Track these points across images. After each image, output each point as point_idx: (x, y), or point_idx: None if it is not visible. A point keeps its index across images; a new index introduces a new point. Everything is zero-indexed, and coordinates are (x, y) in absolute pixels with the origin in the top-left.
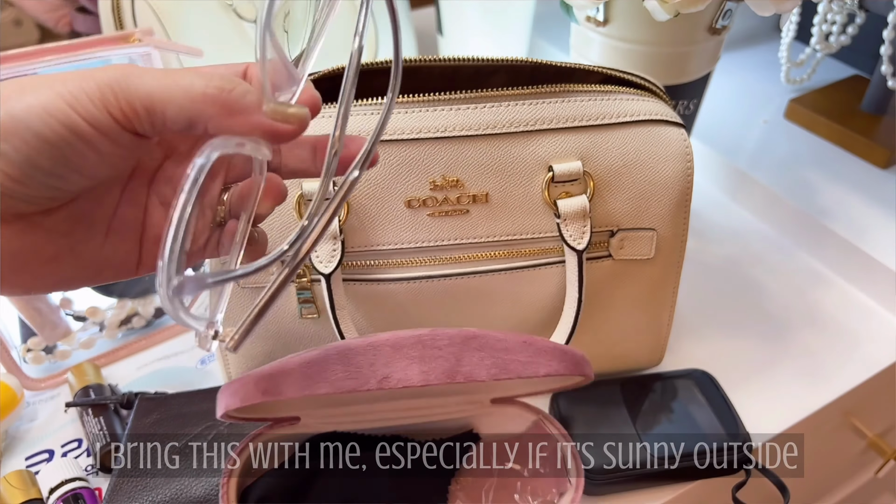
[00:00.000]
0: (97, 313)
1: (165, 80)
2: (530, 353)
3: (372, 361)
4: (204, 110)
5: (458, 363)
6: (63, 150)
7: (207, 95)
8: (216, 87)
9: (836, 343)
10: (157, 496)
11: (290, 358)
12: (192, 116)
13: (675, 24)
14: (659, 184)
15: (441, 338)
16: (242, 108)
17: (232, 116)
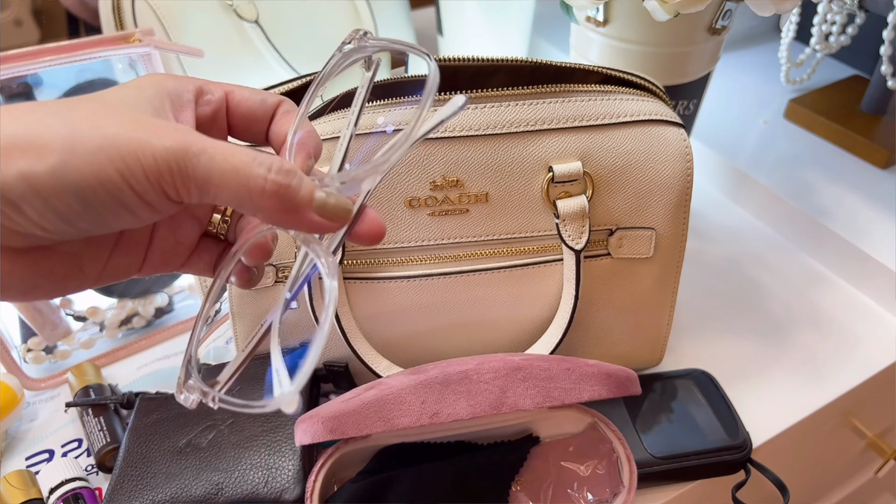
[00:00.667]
0: (97, 313)
1: (225, 163)
2: (573, 379)
3: (423, 399)
4: (260, 204)
5: (503, 395)
6: (104, 215)
7: (266, 191)
8: (274, 184)
9: (836, 343)
10: (157, 496)
11: (351, 398)
12: (245, 205)
13: (674, 25)
14: (658, 184)
15: (486, 371)
16: (296, 206)
17: (285, 213)
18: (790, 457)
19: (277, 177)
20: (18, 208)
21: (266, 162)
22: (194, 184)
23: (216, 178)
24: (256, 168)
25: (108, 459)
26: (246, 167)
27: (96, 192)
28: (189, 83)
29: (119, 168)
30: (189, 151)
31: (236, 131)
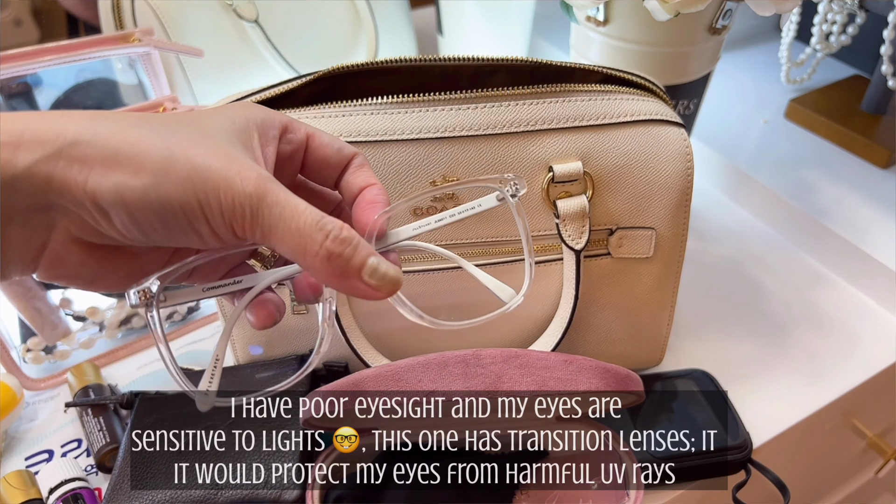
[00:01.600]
0: (97, 313)
1: (291, 221)
2: (571, 370)
3: (420, 378)
4: (312, 265)
5: (499, 379)
6: (177, 234)
7: (319, 256)
8: (328, 251)
9: (836, 343)
10: (156, 496)
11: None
12: (299, 262)
13: (675, 24)
14: (659, 183)
15: (484, 357)
16: (345, 273)
17: (335, 278)
18: (791, 457)
19: (332, 245)
20: (106, 215)
21: (327, 227)
22: (260, 230)
23: (279, 232)
24: (317, 233)
25: (108, 459)
26: (308, 229)
27: (176, 215)
28: (277, 119)
29: (201, 200)
30: (264, 201)
31: (309, 172)
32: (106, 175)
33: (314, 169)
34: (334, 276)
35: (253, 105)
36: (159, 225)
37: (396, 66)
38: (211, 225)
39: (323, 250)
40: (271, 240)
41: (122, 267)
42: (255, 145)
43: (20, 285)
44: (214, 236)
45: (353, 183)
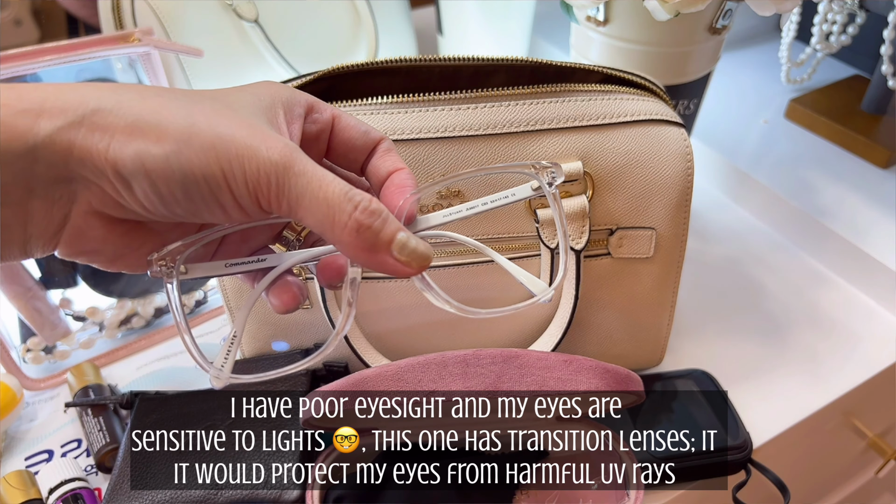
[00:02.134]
0: (97, 313)
1: (319, 191)
2: (571, 370)
3: (420, 378)
4: (340, 237)
5: (498, 379)
6: (200, 207)
7: (347, 227)
8: (356, 221)
9: (837, 343)
10: (156, 496)
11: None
12: (327, 235)
13: (675, 24)
14: (659, 183)
15: (484, 357)
16: (374, 246)
17: (363, 251)
18: (791, 457)
19: (362, 216)
20: (128, 185)
21: (356, 199)
22: (286, 201)
23: (306, 202)
24: (346, 203)
25: (108, 460)
26: (336, 200)
27: (199, 185)
28: (302, 98)
29: (224, 168)
30: (291, 170)
31: (334, 155)
32: (127, 143)
33: (340, 152)
34: (363, 250)
35: (278, 84)
36: (181, 195)
37: (396, 66)
38: (235, 195)
39: (352, 221)
40: (298, 212)
41: (145, 244)
42: (280, 122)
43: (20, 285)
44: (238, 208)
45: (381, 167)
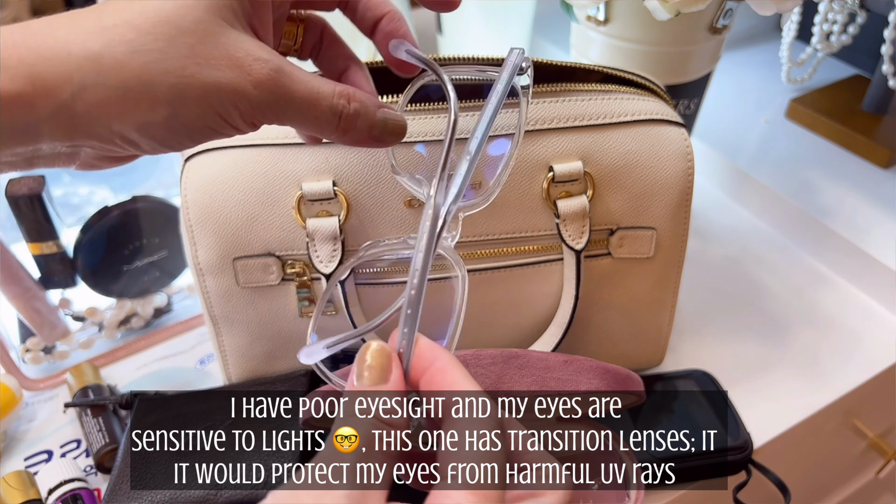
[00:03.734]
0: (96, 314)
1: (310, 112)
2: (571, 370)
3: None
4: (329, 137)
5: (499, 380)
6: (202, 140)
7: (336, 133)
8: (342, 130)
9: (837, 343)
10: (155, 497)
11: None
12: (313, 129)
13: (675, 24)
14: (659, 183)
15: (484, 357)
16: (358, 139)
17: (345, 135)
18: (791, 457)
19: (345, 124)
20: (135, 143)
21: (339, 108)
22: (278, 120)
23: (297, 122)
24: (332, 119)
25: (107, 460)
26: (325, 117)
27: (202, 130)
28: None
29: (221, 114)
30: (280, 101)
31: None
32: (125, 115)
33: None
34: (346, 140)
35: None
36: (188, 141)
37: None
38: (235, 127)
39: (339, 129)
40: (285, 122)
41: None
42: (239, 17)
43: (19, 285)
44: (240, 130)
45: (365, 15)
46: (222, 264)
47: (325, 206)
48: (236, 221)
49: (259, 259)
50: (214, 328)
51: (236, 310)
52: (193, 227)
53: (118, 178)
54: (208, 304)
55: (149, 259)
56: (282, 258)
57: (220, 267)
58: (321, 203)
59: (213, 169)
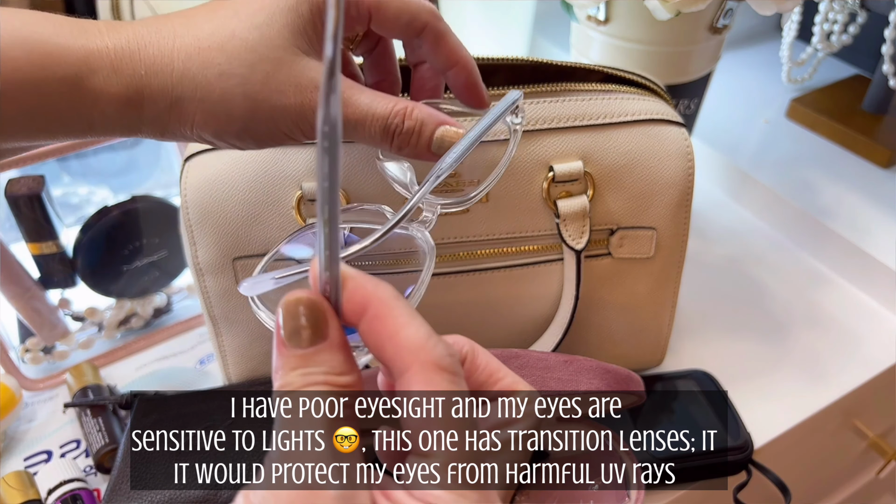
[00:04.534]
0: (96, 314)
1: (365, 131)
2: (571, 371)
3: None
4: (379, 146)
5: None
6: (264, 145)
7: (393, 147)
8: (398, 146)
9: (838, 343)
10: (155, 497)
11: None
12: (371, 145)
13: (675, 24)
14: (660, 183)
15: None
16: (416, 153)
17: (400, 150)
18: (792, 457)
19: (399, 140)
20: (211, 143)
21: (392, 127)
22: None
23: (357, 137)
24: (386, 139)
25: (107, 460)
26: (378, 135)
27: (268, 142)
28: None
29: (286, 132)
30: (343, 124)
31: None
32: (207, 124)
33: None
34: (405, 154)
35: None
36: (256, 146)
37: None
38: (297, 140)
39: (394, 147)
40: (352, 138)
41: None
42: (310, 36)
43: (19, 285)
44: (303, 142)
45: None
46: (222, 264)
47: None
48: (236, 221)
49: (259, 259)
50: (214, 328)
51: (236, 309)
52: (193, 227)
53: (118, 178)
54: (208, 304)
55: (148, 259)
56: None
57: (220, 267)
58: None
59: (212, 169)
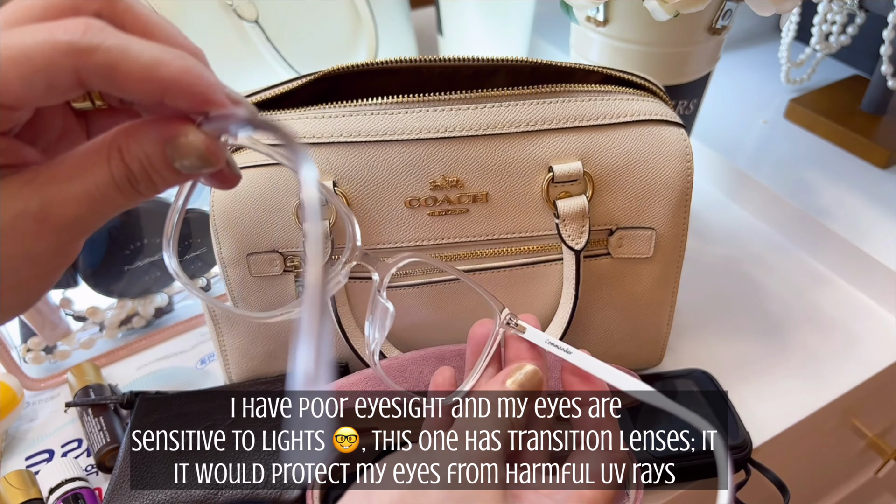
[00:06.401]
0: (97, 313)
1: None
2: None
3: (421, 370)
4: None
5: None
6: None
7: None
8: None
9: (836, 343)
10: (156, 496)
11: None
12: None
13: (674, 24)
14: (659, 184)
15: None
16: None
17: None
18: (790, 457)
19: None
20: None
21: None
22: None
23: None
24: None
25: (108, 459)
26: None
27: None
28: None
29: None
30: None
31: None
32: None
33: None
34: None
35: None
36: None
37: (396, 66)
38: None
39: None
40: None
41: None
42: None
43: None
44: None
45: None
46: (239, 258)
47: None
48: (249, 225)
49: (266, 255)
50: (215, 328)
51: (248, 298)
52: (218, 228)
53: None
54: (230, 290)
55: (150, 259)
56: (283, 254)
57: (237, 260)
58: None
59: None
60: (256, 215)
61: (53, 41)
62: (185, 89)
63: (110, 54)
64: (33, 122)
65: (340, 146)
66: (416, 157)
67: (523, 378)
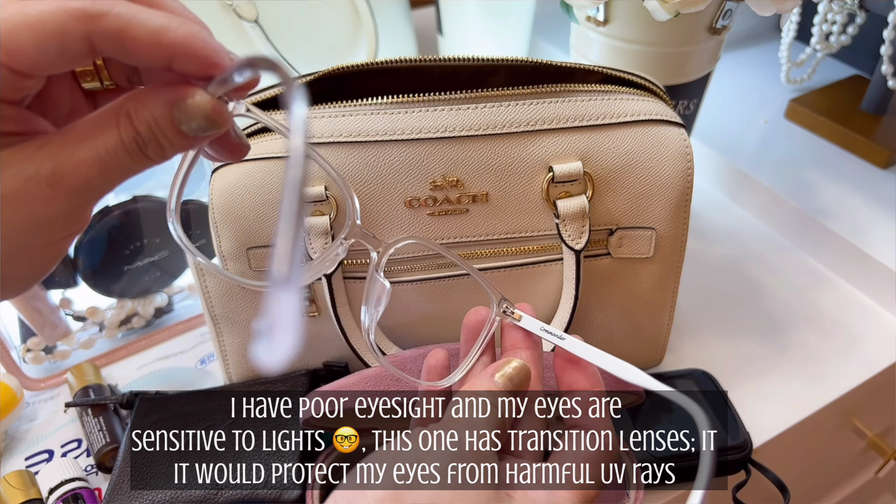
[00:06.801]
0: (97, 313)
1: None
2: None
3: (420, 367)
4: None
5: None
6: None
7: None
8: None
9: (836, 343)
10: (156, 496)
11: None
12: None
13: (675, 24)
14: (659, 184)
15: None
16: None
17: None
18: (791, 457)
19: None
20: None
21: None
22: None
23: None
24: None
25: (108, 459)
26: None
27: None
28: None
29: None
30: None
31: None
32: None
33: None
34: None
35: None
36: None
37: (396, 66)
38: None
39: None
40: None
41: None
42: None
43: None
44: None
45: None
46: (239, 253)
47: (319, 206)
48: (250, 219)
49: (267, 249)
50: (215, 328)
51: (237, 309)
52: (217, 222)
53: None
54: (209, 303)
55: (149, 259)
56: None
57: (237, 255)
58: (315, 204)
59: (232, 177)
60: (256, 209)
61: (66, 6)
62: (191, 53)
63: (120, 19)
64: (43, 98)
65: (340, 146)
66: (416, 156)
67: (512, 372)
